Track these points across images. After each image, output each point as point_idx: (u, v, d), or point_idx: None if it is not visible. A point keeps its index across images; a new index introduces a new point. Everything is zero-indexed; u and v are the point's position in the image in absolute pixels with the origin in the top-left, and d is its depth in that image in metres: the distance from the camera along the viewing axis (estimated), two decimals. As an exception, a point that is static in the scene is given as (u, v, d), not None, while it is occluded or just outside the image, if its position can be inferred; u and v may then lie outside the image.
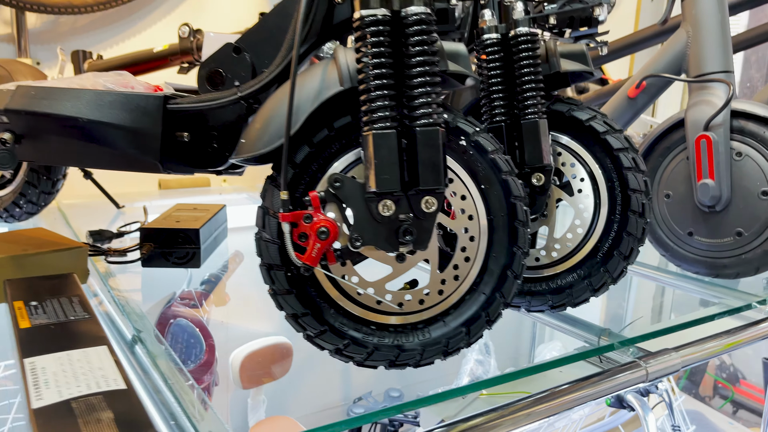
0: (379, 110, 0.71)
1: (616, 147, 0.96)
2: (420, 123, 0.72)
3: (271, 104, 0.79)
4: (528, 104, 0.94)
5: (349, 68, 0.76)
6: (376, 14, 0.71)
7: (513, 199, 0.80)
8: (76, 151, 0.85)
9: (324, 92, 0.76)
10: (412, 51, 0.72)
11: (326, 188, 0.76)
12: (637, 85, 1.34)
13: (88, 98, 0.81)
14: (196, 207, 1.42)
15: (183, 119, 0.85)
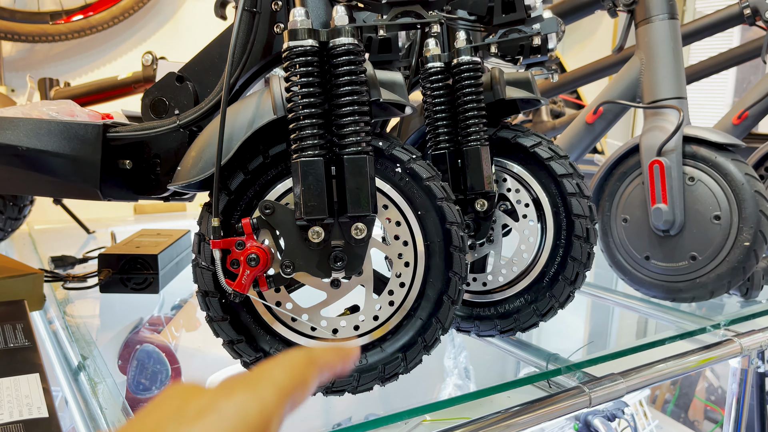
0: (307, 138, 0.72)
1: (560, 173, 0.97)
2: (348, 151, 0.73)
3: (206, 132, 0.80)
4: (470, 131, 0.95)
5: (283, 97, 0.77)
6: (304, 45, 0.73)
7: (448, 225, 0.81)
8: (18, 179, 0.86)
9: (258, 120, 0.77)
10: (339, 81, 0.73)
11: (259, 216, 0.77)
12: (594, 111, 1.36)
13: (28, 127, 0.82)
14: (159, 233, 1.43)
15: (124, 147, 0.86)
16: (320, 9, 0.81)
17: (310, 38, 0.73)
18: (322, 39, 0.74)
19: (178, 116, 0.85)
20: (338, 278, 0.79)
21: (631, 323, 1.55)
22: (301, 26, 0.73)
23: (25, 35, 1.72)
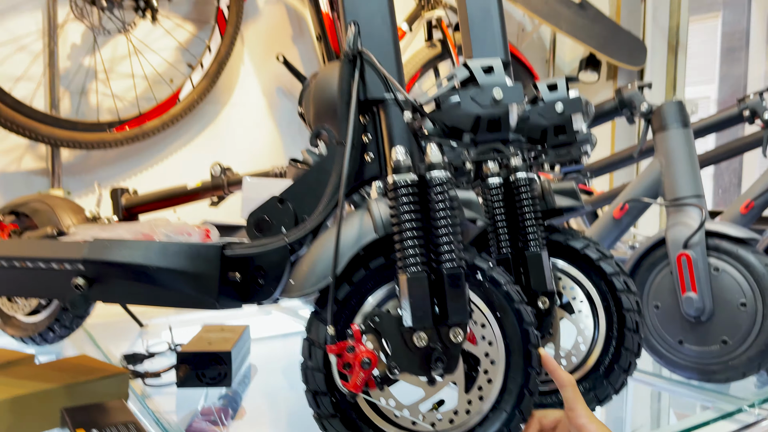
0: (412, 257, 0.85)
1: (609, 272, 1.10)
2: (446, 267, 0.85)
3: (316, 249, 0.92)
4: (530, 237, 1.09)
5: (382, 218, 0.90)
6: (407, 179, 0.86)
7: (525, 326, 0.93)
8: (143, 293, 0.97)
9: (362, 239, 0.90)
10: (436, 207, 0.86)
11: (366, 322, 0.88)
12: (621, 208, 1.50)
13: (157, 249, 0.94)
14: (222, 328, 1.52)
15: (236, 262, 0.98)
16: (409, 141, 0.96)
17: (411, 172, 0.87)
18: (420, 172, 0.88)
19: (285, 235, 0.97)
20: (436, 377, 0.90)
21: (644, 401, 1.63)
22: (404, 163, 0.87)
23: (86, 143, 1.87)
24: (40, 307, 1.60)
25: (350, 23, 1.00)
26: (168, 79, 2.11)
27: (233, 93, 2.27)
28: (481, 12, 1.24)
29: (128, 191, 1.64)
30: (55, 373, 1.21)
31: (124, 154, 2.06)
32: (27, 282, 1.02)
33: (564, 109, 1.05)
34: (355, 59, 0.98)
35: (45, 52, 1.89)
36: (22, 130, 1.73)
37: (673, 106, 1.45)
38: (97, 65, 1.99)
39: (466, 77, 0.88)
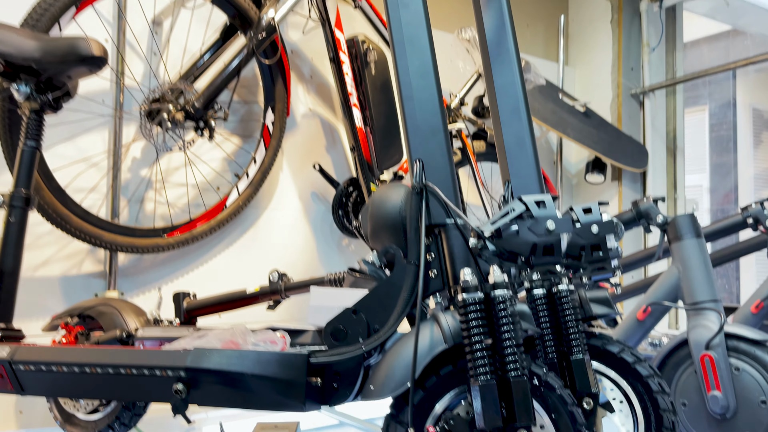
0: (482, 366, 0.98)
1: (645, 375, 1.23)
2: (512, 375, 0.98)
3: (392, 357, 1.05)
4: (573, 344, 1.22)
5: (450, 329, 1.04)
6: (475, 298, 1.01)
7: (578, 427, 1.05)
8: (236, 397, 1.09)
9: (434, 349, 1.03)
10: (501, 322, 1.00)
11: (441, 424, 1.00)
12: (644, 310, 1.64)
13: (252, 357, 1.07)
14: (276, 425, 1.62)
15: (318, 368, 1.11)
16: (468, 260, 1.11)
17: (478, 291, 1.02)
18: (485, 291, 1.02)
19: (362, 344, 1.11)
20: (502, 473, 1.01)
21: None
22: (471, 283, 1.02)
23: (142, 248, 2.02)
24: (101, 405, 1.70)
25: (416, 160, 1.18)
26: (215, 186, 2.30)
27: (273, 198, 2.46)
28: (516, 140, 1.44)
29: (189, 295, 1.78)
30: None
31: (172, 255, 2.21)
32: (130, 387, 1.14)
33: (599, 231, 1.22)
34: (422, 191, 1.15)
35: (109, 167, 2.08)
36: (88, 237, 1.88)
37: (686, 219, 1.63)
38: (154, 176, 2.18)
39: (522, 210, 1.05)
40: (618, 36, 3.29)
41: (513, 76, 1.49)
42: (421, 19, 1.27)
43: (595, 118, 3.16)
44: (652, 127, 3.33)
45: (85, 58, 1.44)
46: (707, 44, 7.81)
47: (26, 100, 1.47)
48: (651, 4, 3.28)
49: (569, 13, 3.57)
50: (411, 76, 1.24)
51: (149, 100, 1.91)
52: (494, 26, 1.54)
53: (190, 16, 2.22)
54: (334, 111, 2.65)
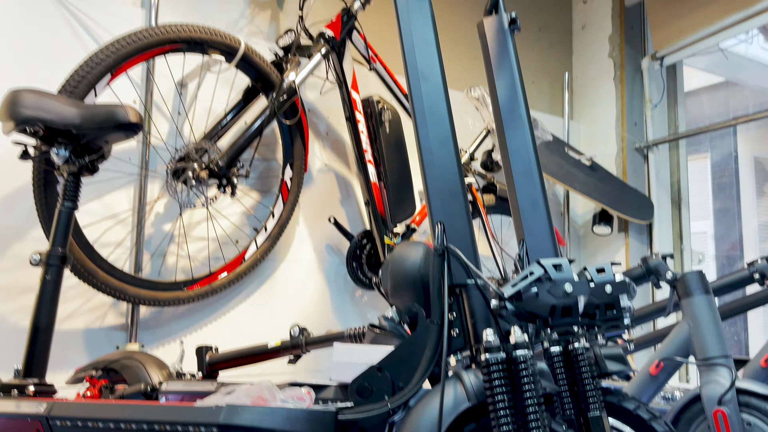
0: (505, 425, 1.03)
1: (660, 431, 1.26)
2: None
3: (417, 415, 1.10)
4: (590, 401, 1.26)
5: (474, 388, 1.09)
6: (497, 358, 1.06)
7: (598, 483, 1.08)
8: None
9: (458, 407, 1.08)
10: (523, 381, 1.05)
11: (467, 483, 1.04)
12: (657, 366, 1.68)
13: (283, 414, 1.12)
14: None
15: (345, 425, 1.15)
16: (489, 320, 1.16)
17: (501, 351, 1.07)
18: (507, 351, 1.07)
19: (388, 401, 1.15)
20: None
21: None
22: (494, 343, 1.07)
23: (164, 301, 2.08)
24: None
25: (437, 223, 1.25)
26: (234, 240, 2.37)
27: (289, 251, 2.52)
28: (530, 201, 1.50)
29: (212, 349, 1.82)
30: None
31: (192, 308, 2.26)
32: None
33: (613, 291, 1.27)
34: (444, 252, 1.21)
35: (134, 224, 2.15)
36: (114, 292, 1.94)
37: (695, 275, 1.68)
38: (176, 230, 2.25)
39: (541, 274, 1.11)
40: (621, 92, 3.41)
41: (525, 139, 1.57)
42: (440, 90, 1.36)
43: (601, 171, 3.25)
44: (656, 179, 3.41)
45: (123, 124, 1.52)
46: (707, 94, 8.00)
47: (65, 163, 1.55)
48: (652, 62, 3.41)
49: (573, 69, 3.70)
50: (431, 143, 1.32)
51: (175, 159, 2.00)
52: (506, 92, 1.63)
53: (216, 79, 2.33)
54: (348, 166, 2.74)
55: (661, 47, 3.35)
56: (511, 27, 1.72)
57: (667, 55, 3.35)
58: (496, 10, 1.74)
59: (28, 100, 1.49)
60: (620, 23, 3.46)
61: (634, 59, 3.48)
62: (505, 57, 1.68)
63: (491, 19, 1.73)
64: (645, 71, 3.43)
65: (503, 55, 1.68)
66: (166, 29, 1.92)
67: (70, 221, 1.54)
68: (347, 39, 2.41)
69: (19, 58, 2.00)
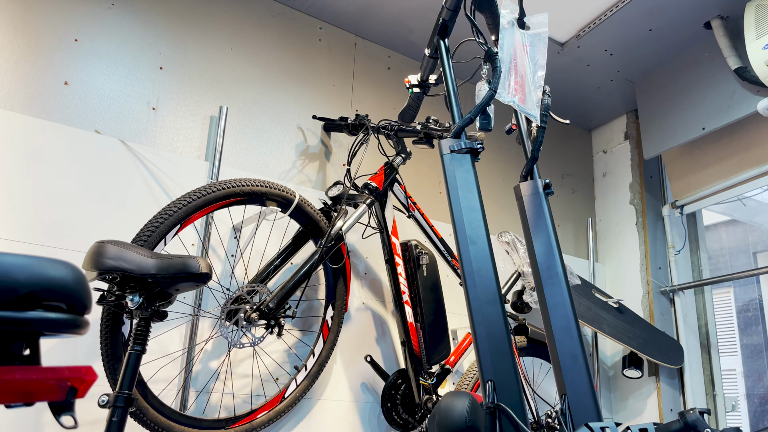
0: None
1: None
2: None
3: None
4: None
5: None
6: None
7: None
8: None
9: None
10: None
11: None
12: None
13: None
14: None
15: None
16: None
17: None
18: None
19: None
20: None
21: None
22: None
23: None
24: None
25: (488, 381, 1.34)
26: (275, 377, 2.44)
27: (326, 389, 2.58)
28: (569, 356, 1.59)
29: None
30: None
31: (231, 447, 2.29)
32: None
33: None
34: (495, 410, 1.29)
35: (184, 363, 2.25)
36: (161, 429, 2.00)
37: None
38: (222, 367, 2.34)
39: (590, 441, 1.18)
40: (644, 237, 3.55)
41: (563, 295, 1.69)
42: (486, 254, 1.51)
43: (629, 314, 3.31)
44: (684, 322, 3.46)
45: (195, 275, 1.67)
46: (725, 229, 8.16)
47: (137, 308, 1.69)
48: (672, 210, 3.58)
49: (596, 214, 3.89)
50: (480, 303, 1.44)
51: (230, 301, 2.13)
52: (543, 250, 1.78)
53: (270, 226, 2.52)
54: (384, 305, 2.86)
55: (680, 197, 3.53)
56: (546, 191, 1.91)
57: (686, 204, 3.53)
58: (531, 177, 1.93)
59: (111, 252, 1.66)
60: (639, 172, 3.68)
61: (655, 206, 3.66)
62: (541, 218, 1.84)
63: (527, 184, 1.91)
64: (666, 218, 3.59)
65: (539, 217, 1.85)
66: (231, 184, 2.13)
67: (138, 364, 1.65)
68: (389, 189, 2.62)
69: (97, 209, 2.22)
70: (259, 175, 2.65)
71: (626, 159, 3.76)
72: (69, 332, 0.69)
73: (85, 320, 0.71)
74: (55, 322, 0.68)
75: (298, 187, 2.68)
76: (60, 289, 0.69)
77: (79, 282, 0.72)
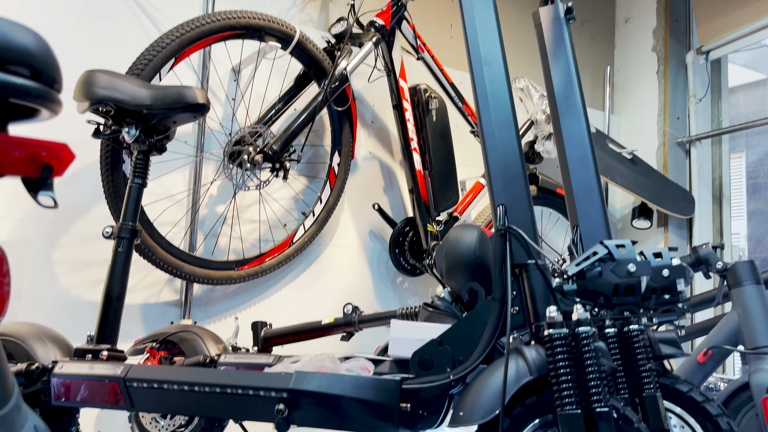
0: (568, 398, 1.06)
1: (714, 414, 1.29)
2: (597, 406, 1.06)
3: (479, 386, 1.14)
4: (645, 381, 1.29)
5: (535, 362, 1.12)
6: (561, 332, 1.10)
7: (656, 458, 1.11)
8: (332, 419, 1.19)
9: (521, 380, 1.12)
10: (585, 357, 1.09)
11: (529, 451, 1.08)
12: (705, 353, 1.70)
13: (350, 381, 1.17)
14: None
15: (408, 394, 1.20)
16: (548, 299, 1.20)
17: (564, 328, 1.10)
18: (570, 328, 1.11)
19: (450, 373, 1.19)
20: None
21: None
22: (557, 319, 1.11)
23: (217, 279, 2.15)
24: (180, 427, 1.80)
25: (499, 205, 1.29)
26: (283, 223, 2.43)
27: (334, 236, 2.58)
28: (584, 187, 1.53)
29: (267, 325, 1.89)
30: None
31: (241, 288, 2.33)
32: (235, 406, 1.24)
33: (670, 275, 1.30)
34: (506, 233, 1.25)
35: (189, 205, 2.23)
36: (171, 268, 2.01)
37: (746, 265, 1.69)
38: (229, 212, 2.32)
39: (605, 254, 1.14)
40: (664, 87, 3.39)
41: (580, 126, 1.59)
42: (502, 76, 1.40)
43: (642, 165, 3.24)
44: (698, 174, 3.39)
45: (191, 105, 1.59)
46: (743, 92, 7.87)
47: (135, 141, 1.62)
48: (697, 57, 3.39)
49: (615, 64, 3.69)
50: (494, 127, 1.35)
51: (232, 143, 2.06)
52: (562, 80, 1.66)
53: (271, 65, 2.39)
54: (392, 154, 2.79)
55: (706, 41, 3.33)
56: (567, 17, 1.75)
57: (712, 49, 3.33)
58: (552, 0, 1.77)
59: (102, 81, 1.56)
60: (665, 16, 3.44)
61: (679, 53, 3.46)
62: (560, 46, 1.71)
63: (547, 9, 1.75)
64: (689, 65, 3.41)
65: (559, 44, 1.71)
66: (227, 15, 1.98)
67: (140, 197, 1.61)
68: (397, 28, 2.45)
69: (84, 42, 2.08)
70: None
71: (651, 1, 3.50)
72: (38, 104, 0.61)
73: (55, 95, 0.63)
74: (20, 87, 0.60)
75: (300, 27, 2.51)
76: (22, 53, 0.61)
77: (43, 49, 0.63)
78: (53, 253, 1.99)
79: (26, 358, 1.44)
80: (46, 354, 1.45)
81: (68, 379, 1.35)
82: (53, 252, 1.99)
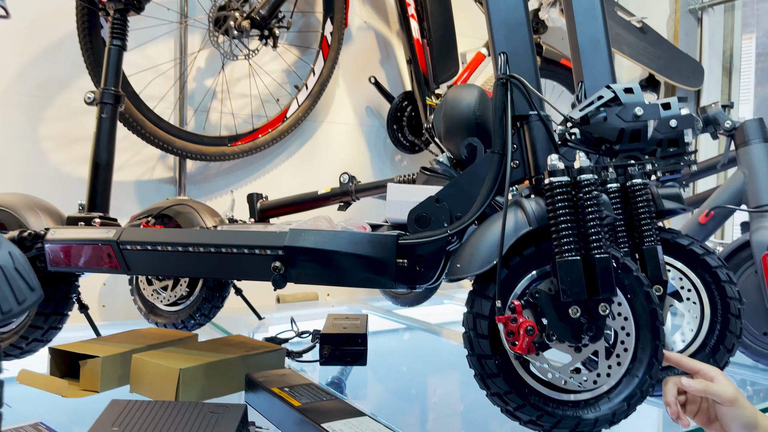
0: (568, 245, 1.04)
1: (714, 265, 1.28)
2: (595, 253, 1.04)
3: (477, 238, 1.11)
4: (646, 234, 1.27)
5: (535, 213, 1.09)
6: (562, 180, 1.06)
7: (653, 305, 1.11)
8: (330, 275, 1.17)
9: (519, 230, 1.09)
10: (586, 204, 1.05)
11: (526, 298, 1.07)
12: (707, 214, 1.67)
13: (346, 237, 1.15)
14: (347, 317, 1.72)
15: (405, 250, 1.18)
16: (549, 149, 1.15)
17: (565, 176, 1.06)
18: (572, 175, 1.07)
19: (448, 227, 1.17)
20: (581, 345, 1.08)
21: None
22: (559, 167, 1.06)
23: (209, 155, 2.10)
24: (182, 299, 1.82)
25: (500, 54, 1.21)
26: (276, 98, 2.35)
27: (329, 111, 2.50)
28: (590, 41, 1.44)
29: (262, 196, 1.86)
30: (225, 347, 1.41)
31: (235, 165, 2.29)
32: (231, 265, 1.23)
33: (677, 125, 1.24)
34: (507, 82, 1.18)
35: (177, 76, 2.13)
36: (161, 143, 1.96)
37: (755, 123, 1.63)
38: (219, 86, 2.23)
39: (611, 97, 1.08)
40: (679, -53, 3.17)
41: (588, -25, 1.47)
42: None
43: (652, 35, 3.09)
44: (709, 44, 3.24)
45: (167, -44, 1.46)
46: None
47: (110, 0, 1.51)
48: None
49: (627, -76, 3.43)
50: (494, -31, 1.24)
51: (216, 8, 1.94)
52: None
53: None
54: (388, 24, 2.65)
55: None
56: None
57: None
58: None
59: (68, -69, 1.43)
60: None
61: None
62: None
63: None
64: (707, -77, 3.16)
65: None
66: None
67: (120, 60, 1.52)
68: None
69: None
70: None
71: None
72: None
73: None
74: None
75: None
76: None
77: None
78: (39, 128, 1.93)
79: (18, 227, 1.42)
80: (38, 223, 1.43)
81: (62, 244, 1.33)
82: (39, 127, 1.93)
